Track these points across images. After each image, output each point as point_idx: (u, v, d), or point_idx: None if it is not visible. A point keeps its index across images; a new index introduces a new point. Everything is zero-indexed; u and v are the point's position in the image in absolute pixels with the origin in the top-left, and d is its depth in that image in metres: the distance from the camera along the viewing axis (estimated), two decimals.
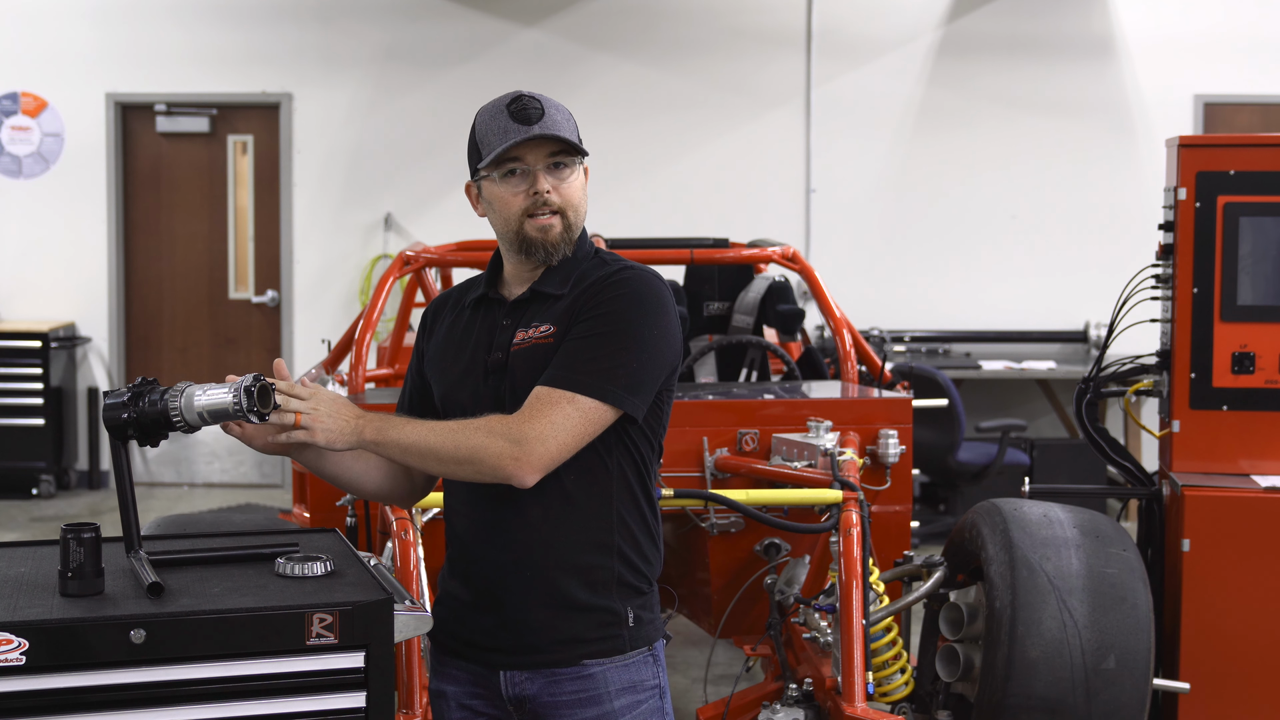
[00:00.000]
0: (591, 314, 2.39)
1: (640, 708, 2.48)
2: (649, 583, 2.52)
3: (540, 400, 2.34)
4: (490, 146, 2.42)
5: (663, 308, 2.42)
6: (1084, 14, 8.97)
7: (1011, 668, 3.46)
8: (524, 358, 2.43)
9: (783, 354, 5.30)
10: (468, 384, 2.48)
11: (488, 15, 9.07)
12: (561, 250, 2.44)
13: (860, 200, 9.09)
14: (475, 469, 2.32)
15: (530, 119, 2.40)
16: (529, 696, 2.45)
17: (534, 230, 2.42)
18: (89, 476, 9.21)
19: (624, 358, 2.36)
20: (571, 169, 2.44)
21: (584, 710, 2.44)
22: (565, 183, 2.43)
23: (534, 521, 2.42)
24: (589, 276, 2.46)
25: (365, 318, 5.05)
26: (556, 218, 2.43)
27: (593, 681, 2.44)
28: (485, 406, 2.43)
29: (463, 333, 2.53)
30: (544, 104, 2.42)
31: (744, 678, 4.61)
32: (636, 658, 2.48)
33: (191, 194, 9.31)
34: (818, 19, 9.03)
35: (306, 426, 2.29)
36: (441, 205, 8.96)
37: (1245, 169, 4.14)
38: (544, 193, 2.41)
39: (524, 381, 2.40)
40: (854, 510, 3.74)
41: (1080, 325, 8.89)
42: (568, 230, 2.44)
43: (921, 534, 6.23)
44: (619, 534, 2.45)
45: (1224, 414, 4.18)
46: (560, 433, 2.32)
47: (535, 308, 2.47)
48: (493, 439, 2.31)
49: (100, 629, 2.06)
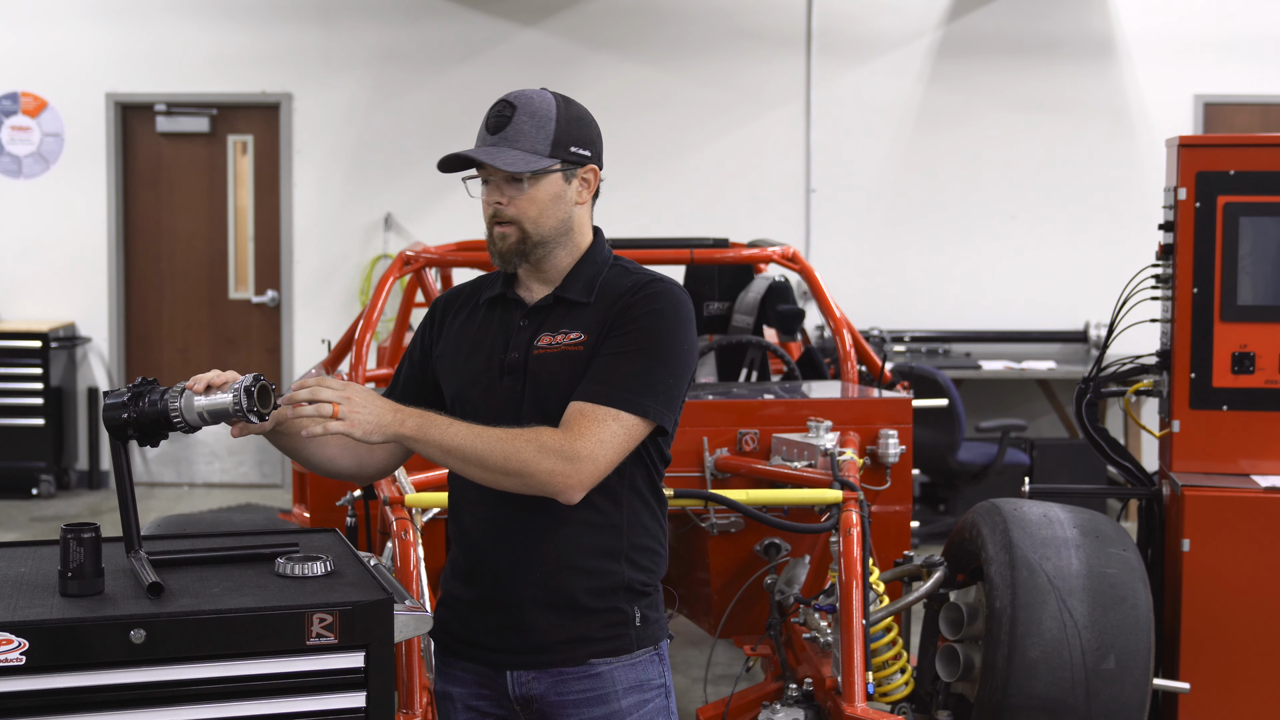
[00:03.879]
0: (628, 328, 2.40)
1: (647, 706, 2.48)
2: (655, 584, 2.52)
3: (586, 416, 2.34)
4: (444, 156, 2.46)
5: (691, 321, 2.47)
6: (1084, 14, 8.97)
7: (1011, 668, 3.46)
8: (550, 362, 2.42)
9: (783, 354, 5.30)
10: (481, 381, 2.48)
11: (488, 15, 9.07)
12: (516, 260, 2.46)
13: (860, 200, 9.09)
14: (523, 482, 2.32)
15: (496, 128, 2.42)
16: (536, 696, 2.46)
17: (495, 238, 2.46)
18: (89, 476, 9.20)
19: (661, 373, 2.38)
20: (531, 181, 2.42)
21: (591, 709, 2.45)
22: (523, 195, 2.43)
23: (543, 524, 2.42)
24: (614, 285, 2.46)
25: (365, 318, 5.05)
26: (511, 228, 2.44)
27: (600, 681, 2.45)
28: (500, 405, 2.43)
29: (478, 331, 2.52)
30: (517, 111, 2.41)
31: (744, 678, 4.61)
32: (643, 657, 2.49)
33: (191, 194, 9.31)
34: (818, 19, 9.03)
35: (344, 418, 2.26)
36: (441, 205, 8.96)
37: (1245, 169, 4.14)
38: (494, 204, 2.44)
39: (548, 385, 2.41)
40: (854, 510, 3.73)
41: (1080, 325, 8.89)
42: (523, 241, 2.44)
43: (921, 534, 6.22)
44: (627, 538, 2.45)
45: (1224, 414, 4.18)
46: (608, 450, 2.34)
47: (560, 313, 2.47)
48: (545, 456, 2.30)
49: (100, 629, 2.06)
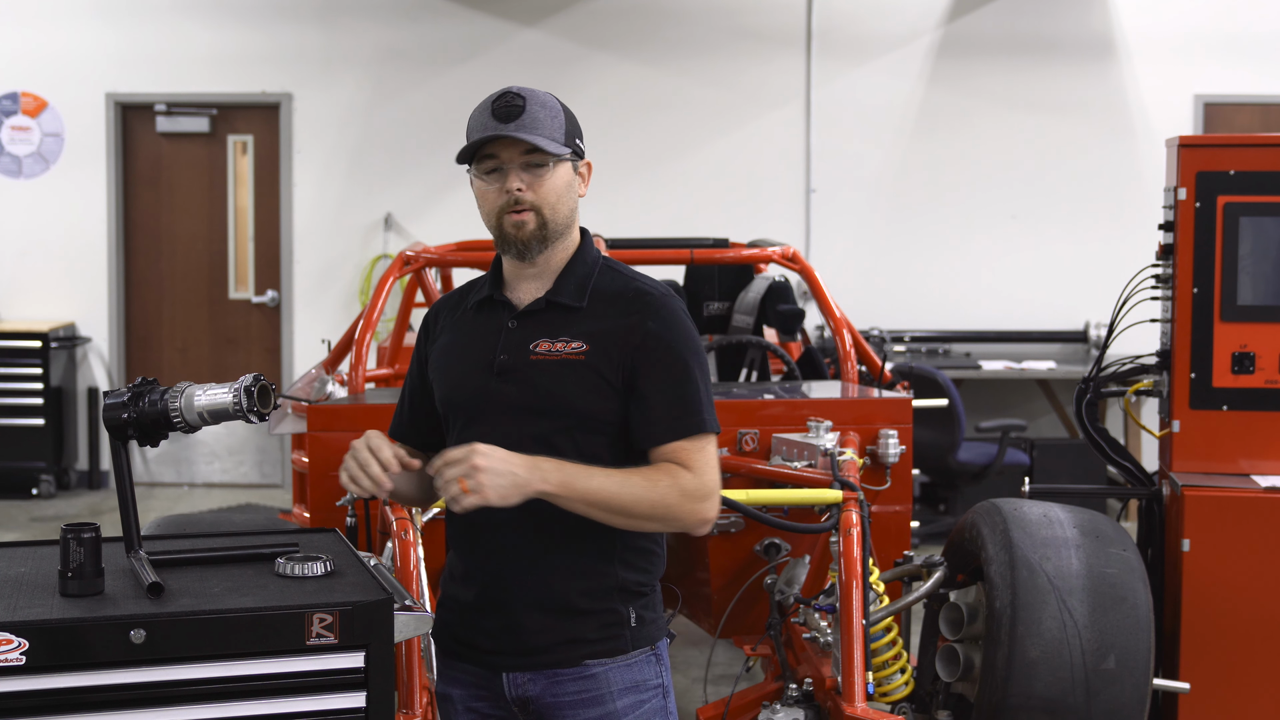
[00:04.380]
0: (668, 353, 2.43)
1: (643, 707, 2.48)
2: (651, 584, 2.52)
3: (693, 451, 2.41)
4: (470, 141, 2.44)
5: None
6: (1084, 14, 8.97)
7: (1011, 668, 3.46)
8: (550, 369, 2.42)
9: (783, 354, 5.30)
10: (470, 384, 2.48)
11: (488, 15, 9.06)
12: (534, 248, 2.45)
13: (860, 200, 9.09)
14: (664, 525, 2.42)
15: (509, 116, 2.40)
16: (531, 698, 2.46)
17: (509, 226, 2.43)
18: (89, 476, 9.20)
19: (704, 383, 2.47)
20: (548, 167, 2.43)
21: (586, 710, 2.45)
22: (541, 180, 2.42)
23: (538, 526, 2.42)
24: (607, 289, 2.47)
25: (365, 318, 5.05)
26: (530, 214, 2.42)
27: (595, 682, 2.45)
28: (493, 408, 2.43)
29: (466, 334, 2.52)
30: (528, 101, 2.42)
31: (744, 678, 4.61)
32: (639, 657, 2.48)
33: (191, 194, 9.31)
34: (818, 19, 9.03)
35: (475, 490, 2.25)
36: (441, 205, 8.96)
37: (1245, 169, 4.14)
38: (514, 190, 2.41)
39: (546, 391, 2.41)
40: (854, 510, 3.73)
41: (1080, 325, 8.89)
42: (542, 228, 2.44)
43: (921, 534, 6.22)
44: (621, 540, 2.45)
45: (1224, 414, 4.18)
46: (718, 474, 2.46)
47: (553, 317, 2.46)
48: (686, 499, 2.38)
49: (100, 629, 2.06)
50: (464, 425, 2.47)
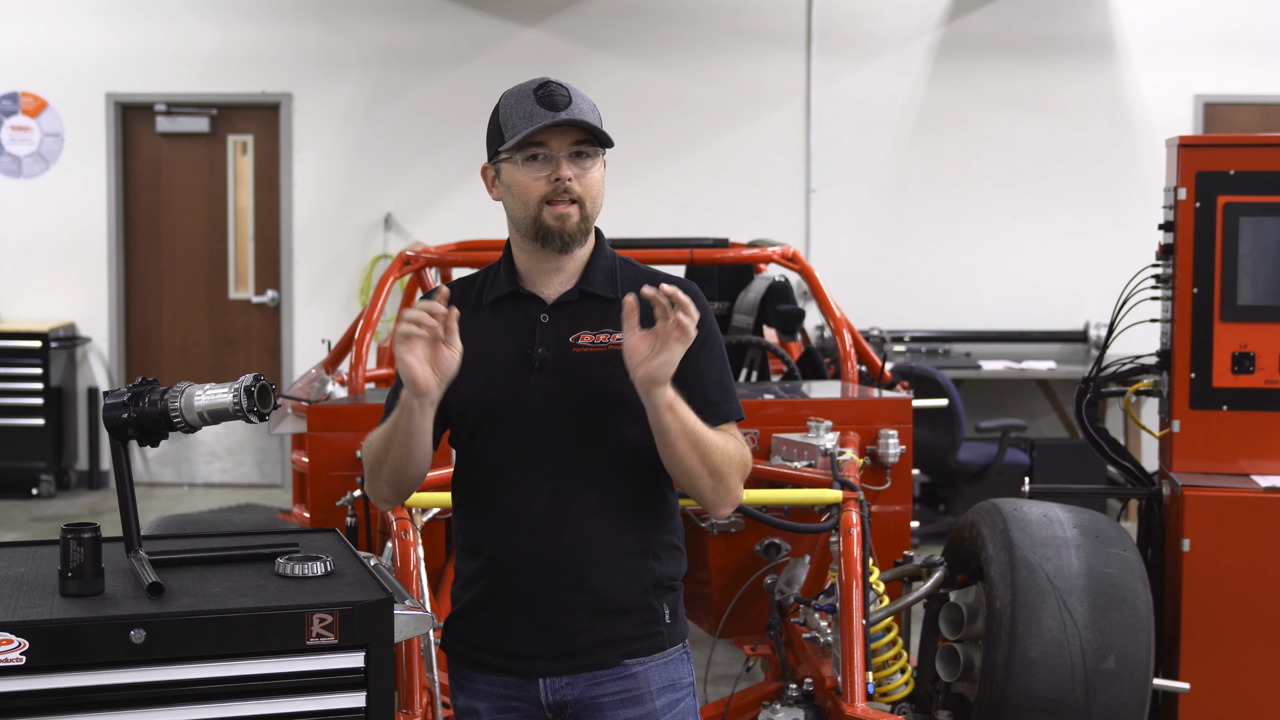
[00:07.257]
0: (709, 339, 2.45)
1: (679, 706, 2.47)
2: (680, 580, 2.50)
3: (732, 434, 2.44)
4: (514, 130, 2.38)
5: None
6: (1084, 14, 8.97)
7: (1011, 668, 3.46)
8: (595, 362, 2.39)
9: (783, 354, 5.30)
10: (504, 381, 2.41)
11: (488, 15, 9.06)
12: (577, 240, 2.41)
13: (860, 200, 9.09)
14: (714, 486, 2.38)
15: (557, 105, 2.38)
16: (570, 701, 2.42)
17: (551, 218, 2.39)
18: (89, 476, 9.21)
19: (730, 372, 2.51)
20: (593, 159, 2.41)
21: (626, 710, 2.42)
22: (587, 172, 2.40)
23: (573, 526, 2.39)
24: (632, 281, 2.44)
25: (365, 318, 5.05)
26: (575, 207, 2.39)
27: (635, 681, 2.43)
28: (531, 404, 2.39)
29: (487, 331, 2.45)
30: (571, 92, 2.41)
31: (744, 678, 4.61)
32: (674, 655, 2.48)
33: (191, 194, 9.31)
34: (818, 19, 9.03)
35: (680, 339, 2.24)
36: (441, 205, 8.96)
37: (1245, 169, 4.14)
38: (565, 180, 2.37)
39: (590, 384, 2.38)
40: (854, 510, 3.73)
41: (1080, 325, 8.89)
42: (584, 220, 2.41)
43: (921, 534, 6.22)
44: (654, 534, 2.45)
45: (1224, 414, 4.18)
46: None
47: (588, 309, 2.44)
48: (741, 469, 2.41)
49: (100, 629, 2.06)
50: (495, 422, 2.41)
